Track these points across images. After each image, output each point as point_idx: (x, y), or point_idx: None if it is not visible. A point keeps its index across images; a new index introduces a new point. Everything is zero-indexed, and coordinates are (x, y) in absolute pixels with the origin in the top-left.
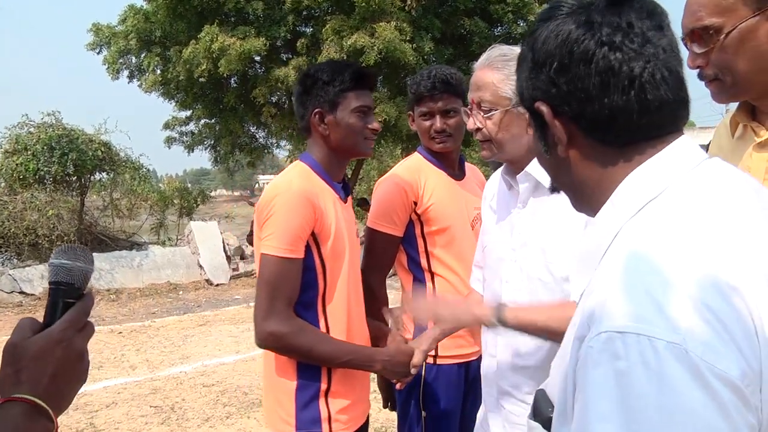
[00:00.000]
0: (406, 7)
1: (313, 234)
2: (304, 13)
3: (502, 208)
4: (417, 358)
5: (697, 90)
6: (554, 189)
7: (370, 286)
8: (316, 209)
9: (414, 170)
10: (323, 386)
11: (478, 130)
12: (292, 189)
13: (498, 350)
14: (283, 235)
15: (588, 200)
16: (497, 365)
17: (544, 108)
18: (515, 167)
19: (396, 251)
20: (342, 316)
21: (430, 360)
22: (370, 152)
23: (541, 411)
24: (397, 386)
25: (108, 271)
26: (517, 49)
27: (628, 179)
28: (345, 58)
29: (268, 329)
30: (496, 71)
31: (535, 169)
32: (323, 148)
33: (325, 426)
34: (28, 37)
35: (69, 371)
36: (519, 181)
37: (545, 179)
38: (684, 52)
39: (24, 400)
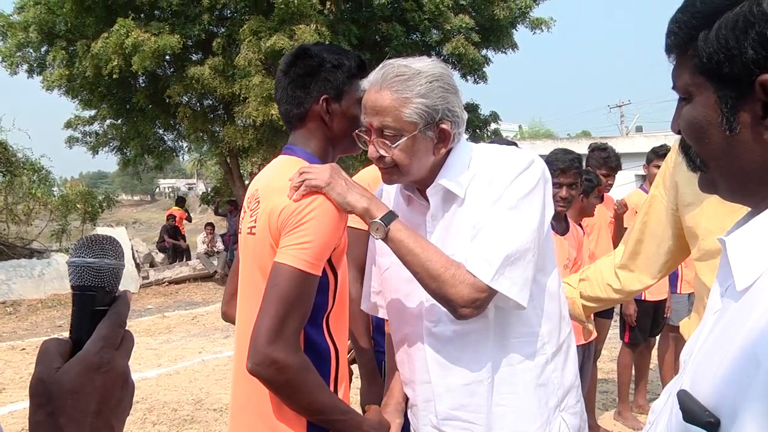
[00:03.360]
0: (325, 11)
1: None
2: (217, 12)
3: None
4: (395, 430)
5: (596, 101)
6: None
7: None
8: (346, 221)
9: (373, 180)
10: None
11: (382, 157)
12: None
13: (432, 375)
14: (317, 249)
15: (758, 187)
16: (433, 390)
17: None
18: (418, 183)
19: None
20: (344, 334)
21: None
22: (360, 149)
23: (696, 414)
24: None
25: (4, 281)
26: (414, 65)
27: None
28: (263, 59)
29: (273, 355)
30: (396, 93)
31: (445, 180)
32: (322, 141)
33: None
34: None
35: (115, 401)
36: (429, 194)
37: (457, 188)
38: None
39: None
